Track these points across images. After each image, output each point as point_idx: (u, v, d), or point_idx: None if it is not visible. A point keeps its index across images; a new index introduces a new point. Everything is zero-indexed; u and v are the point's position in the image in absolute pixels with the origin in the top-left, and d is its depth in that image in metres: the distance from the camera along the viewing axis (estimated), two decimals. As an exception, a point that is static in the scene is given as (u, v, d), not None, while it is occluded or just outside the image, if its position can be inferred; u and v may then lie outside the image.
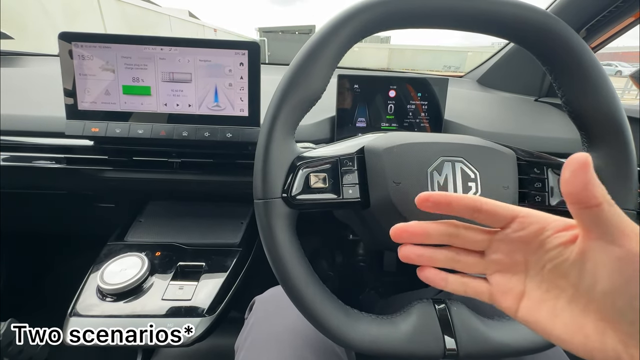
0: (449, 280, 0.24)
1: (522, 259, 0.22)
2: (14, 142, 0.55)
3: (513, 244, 0.22)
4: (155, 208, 0.66)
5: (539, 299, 0.21)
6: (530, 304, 0.21)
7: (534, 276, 0.21)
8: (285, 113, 0.32)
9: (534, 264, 0.21)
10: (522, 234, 0.21)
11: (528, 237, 0.21)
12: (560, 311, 0.20)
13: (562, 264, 0.20)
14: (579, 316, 0.19)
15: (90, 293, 0.49)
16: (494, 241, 0.23)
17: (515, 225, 0.22)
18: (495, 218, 0.22)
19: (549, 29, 0.32)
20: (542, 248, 0.21)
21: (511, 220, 0.22)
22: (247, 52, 0.50)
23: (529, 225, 0.21)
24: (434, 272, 0.25)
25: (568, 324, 0.19)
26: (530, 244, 0.21)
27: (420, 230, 0.24)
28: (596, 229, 0.18)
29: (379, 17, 0.31)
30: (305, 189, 0.32)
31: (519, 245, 0.22)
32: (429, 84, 0.60)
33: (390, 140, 0.34)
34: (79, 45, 0.49)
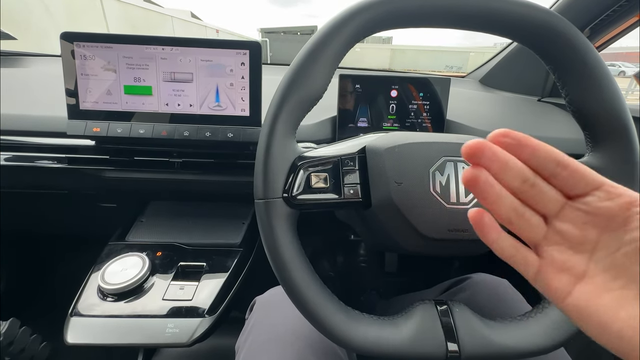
0: (502, 236, 0.21)
1: (595, 235, 0.19)
2: (15, 142, 0.55)
3: (592, 215, 0.19)
4: (157, 208, 0.66)
5: (602, 285, 0.18)
6: (590, 289, 0.18)
7: (603, 258, 0.18)
8: (286, 113, 0.31)
9: (607, 244, 0.18)
10: (608, 204, 0.18)
11: (614, 210, 0.18)
12: (628, 303, 0.17)
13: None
14: None
15: (91, 293, 0.49)
16: (569, 207, 0.20)
17: (602, 194, 0.19)
18: (579, 180, 0.19)
19: (553, 27, 0.32)
20: (626, 226, 0.18)
21: (597, 187, 0.19)
22: (249, 51, 0.50)
23: (617, 196, 0.18)
24: (489, 217, 0.21)
25: (635, 319, 0.17)
26: (613, 219, 0.18)
27: (503, 157, 0.19)
28: None
29: (380, 17, 0.31)
30: (306, 189, 0.32)
31: (599, 218, 0.19)
32: (430, 84, 0.60)
33: (391, 140, 0.34)
34: (81, 46, 0.49)
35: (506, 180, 0.20)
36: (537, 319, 0.32)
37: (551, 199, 0.20)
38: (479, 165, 0.20)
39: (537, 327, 0.32)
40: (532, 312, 0.33)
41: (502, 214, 0.20)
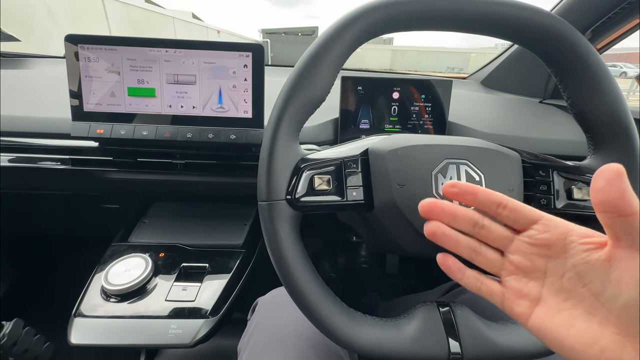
0: (466, 273, 0.24)
1: (542, 264, 0.21)
2: (19, 144, 0.56)
3: (536, 246, 0.22)
4: (159, 209, 0.66)
5: (555, 306, 0.20)
6: (545, 311, 0.21)
7: (553, 282, 0.21)
8: (289, 115, 0.32)
9: (554, 270, 0.21)
10: (546, 235, 0.21)
11: (552, 240, 0.21)
12: (577, 321, 0.19)
13: (585, 271, 0.19)
14: (597, 328, 0.18)
15: (95, 294, 0.49)
16: (516, 241, 0.23)
17: (540, 227, 0.22)
18: (518, 216, 0.22)
19: (555, 30, 0.32)
20: (566, 253, 0.20)
21: (534, 222, 0.22)
22: (251, 54, 0.50)
23: (554, 228, 0.21)
24: (453, 261, 0.24)
25: (583, 335, 0.19)
26: (553, 248, 0.21)
27: (450, 210, 0.23)
28: (627, 238, 0.17)
29: (384, 20, 0.31)
30: (309, 191, 0.32)
31: (542, 248, 0.21)
32: (432, 85, 0.60)
33: (394, 142, 0.34)
34: (85, 48, 0.50)
35: (459, 226, 0.24)
36: None
37: (500, 236, 0.23)
38: (434, 220, 0.24)
39: None
40: None
41: (463, 254, 0.24)
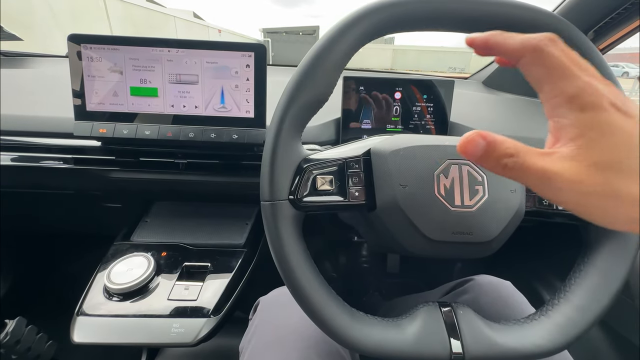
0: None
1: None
2: (22, 143, 0.56)
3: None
4: (161, 208, 0.67)
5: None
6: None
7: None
8: (292, 115, 0.32)
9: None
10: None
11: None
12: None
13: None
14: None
15: (97, 292, 0.49)
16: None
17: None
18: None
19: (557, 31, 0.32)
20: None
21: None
22: (254, 54, 0.50)
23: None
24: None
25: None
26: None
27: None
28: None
29: (388, 20, 0.31)
30: (311, 191, 0.32)
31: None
32: (434, 85, 0.60)
33: (396, 143, 0.34)
34: (88, 47, 0.50)
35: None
36: (540, 322, 0.32)
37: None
38: None
39: (541, 330, 0.32)
40: (536, 315, 0.33)
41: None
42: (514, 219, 0.33)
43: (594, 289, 0.32)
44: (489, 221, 0.33)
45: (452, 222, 0.32)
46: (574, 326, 0.31)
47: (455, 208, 0.32)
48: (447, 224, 0.32)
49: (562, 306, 0.32)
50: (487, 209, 0.32)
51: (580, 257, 0.35)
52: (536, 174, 0.19)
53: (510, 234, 0.34)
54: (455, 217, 0.32)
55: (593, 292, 0.32)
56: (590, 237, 0.35)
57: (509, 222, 0.33)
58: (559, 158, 0.19)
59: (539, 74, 0.20)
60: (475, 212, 0.32)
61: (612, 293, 0.32)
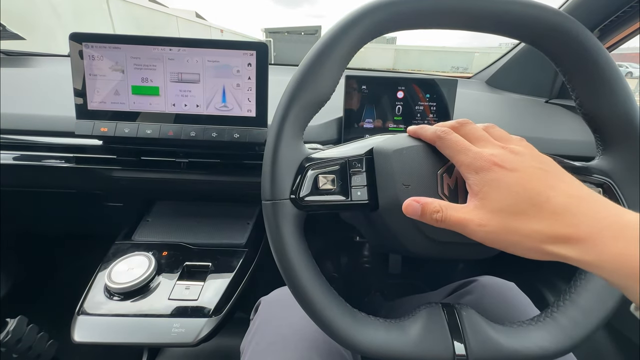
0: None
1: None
2: (24, 141, 0.56)
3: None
4: (162, 208, 0.67)
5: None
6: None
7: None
8: (294, 114, 0.31)
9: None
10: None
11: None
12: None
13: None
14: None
15: (98, 292, 0.49)
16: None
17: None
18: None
19: (564, 29, 0.32)
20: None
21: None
22: (255, 52, 0.50)
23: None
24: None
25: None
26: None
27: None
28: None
29: (390, 18, 0.31)
30: (313, 190, 0.32)
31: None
32: (437, 85, 0.59)
33: (399, 142, 0.34)
34: (89, 46, 0.50)
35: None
36: (545, 324, 0.32)
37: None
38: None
39: (546, 332, 0.31)
40: (541, 317, 0.33)
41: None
42: None
43: (600, 290, 0.32)
44: None
45: None
46: (580, 328, 0.31)
47: None
48: None
49: (568, 308, 0.32)
50: None
51: None
52: (456, 222, 0.25)
53: None
54: None
55: (599, 294, 0.32)
56: None
57: None
58: (469, 209, 0.25)
59: (446, 152, 0.29)
60: None
61: (618, 295, 0.31)
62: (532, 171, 0.25)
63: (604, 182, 0.33)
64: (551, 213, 0.22)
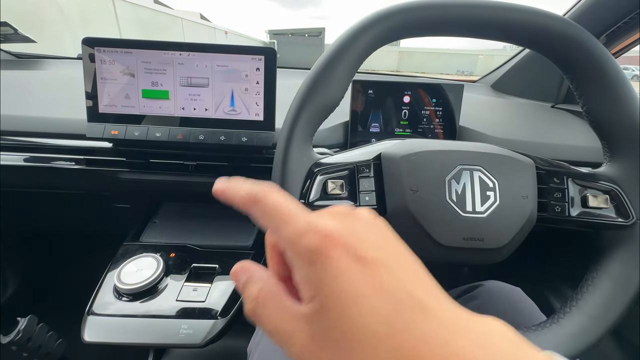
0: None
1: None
2: (34, 143, 0.57)
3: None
4: (169, 209, 0.67)
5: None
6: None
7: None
8: (304, 120, 0.32)
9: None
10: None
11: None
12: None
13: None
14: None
15: (107, 292, 0.50)
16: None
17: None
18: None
19: (571, 37, 0.32)
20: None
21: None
22: (264, 57, 0.51)
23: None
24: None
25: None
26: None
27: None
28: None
29: (400, 25, 0.32)
30: (322, 195, 0.32)
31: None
32: (443, 89, 0.60)
33: (407, 148, 0.34)
34: (101, 50, 0.51)
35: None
36: (551, 330, 0.32)
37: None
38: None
39: (552, 338, 0.31)
40: (547, 323, 0.33)
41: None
42: (525, 225, 0.33)
43: (607, 297, 0.32)
44: (500, 227, 0.33)
45: (463, 228, 0.32)
46: (587, 335, 0.31)
47: (467, 214, 0.32)
48: (458, 229, 0.32)
49: (575, 314, 0.32)
50: (498, 215, 0.32)
51: (593, 264, 0.35)
52: (271, 330, 0.16)
53: (521, 241, 0.34)
54: (466, 222, 0.32)
55: (606, 301, 0.32)
56: (603, 244, 0.34)
57: (521, 228, 0.33)
58: (299, 312, 0.16)
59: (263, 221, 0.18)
60: (487, 218, 0.32)
61: (625, 302, 0.32)
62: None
63: (611, 189, 0.34)
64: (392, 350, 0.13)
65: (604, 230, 0.34)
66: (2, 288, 0.88)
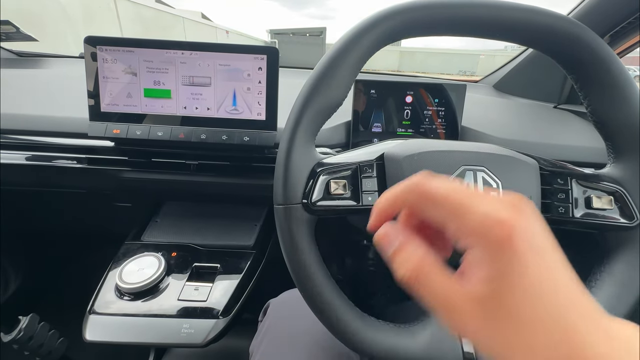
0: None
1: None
2: (35, 142, 0.57)
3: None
4: (170, 208, 0.67)
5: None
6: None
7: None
8: (307, 120, 0.32)
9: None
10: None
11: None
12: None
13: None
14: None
15: (109, 291, 0.50)
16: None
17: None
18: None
19: (576, 36, 0.32)
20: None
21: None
22: (266, 56, 0.51)
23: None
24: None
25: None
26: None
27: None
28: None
29: (403, 25, 0.31)
30: (325, 195, 0.32)
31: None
32: (446, 90, 0.59)
33: (410, 148, 0.34)
34: (103, 49, 0.51)
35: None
36: None
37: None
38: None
39: None
40: None
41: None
42: None
43: (611, 298, 0.32)
44: None
45: None
46: None
47: None
48: None
49: None
50: None
51: (597, 266, 0.34)
52: (440, 300, 0.17)
53: None
54: None
55: (609, 303, 0.32)
56: (608, 246, 0.34)
57: None
58: (466, 294, 0.17)
59: (435, 214, 0.19)
60: None
61: (630, 303, 0.31)
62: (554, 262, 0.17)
63: (615, 190, 0.33)
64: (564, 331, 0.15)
65: (608, 232, 0.34)
66: (4, 287, 0.89)
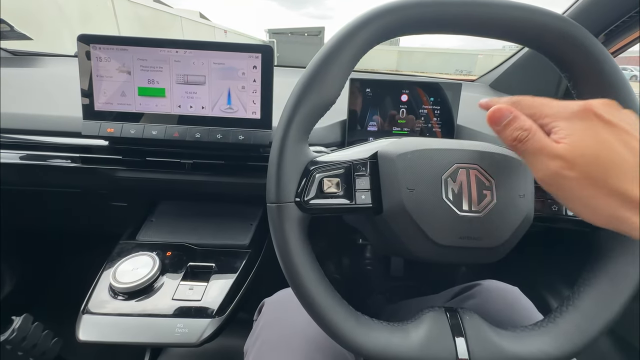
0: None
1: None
2: (30, 141, 0.57)
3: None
4: (166, 208, 0.67)
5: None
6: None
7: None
8: (299, 118, 0.32)
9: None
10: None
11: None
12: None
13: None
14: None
15: (103, 291, 0.49)
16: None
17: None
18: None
19: (570, 35, 0.32)
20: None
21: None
22: (261, 55, 0.51)
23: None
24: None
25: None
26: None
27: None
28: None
29: (397, 22, 0.31)
30: (318, 193, 0.32)
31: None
32: (441, 88, 0.59)
33: (404, 146, 0.34)
34: (97, 47, 0.50)
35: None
36: (549, 329, 0.32)
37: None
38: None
39: (549, 337, 0.31)
40: (544, 322, 0.33)
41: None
42: (522, 224, 0.33)
43: (604, 296, 0.32)
44: (497, 226, 0.32)
45: (459, 227, 0.32)
46: (583, 334, 0.31)
47: (463, 212, 0.32)
48: (455, 228, 0.32)
49: (571, 313, 0.32)
50: (495, 213, 0.32)
51: (590, 263, 0.34)
52: (538, 150, 0.24)
53: (518, 240, 0.34)
54: (463, 221, 0.32)
55: (603, 300, 0.32)
56: (600, 242, 0.34)
57: (518, 227, 0.33)
58: (558, 146, 0.23)
59: (528, 111, 0.26)
60: (483, 217, 0.32)
61: (622, 301, 0.31)
62: (629, 132, 0.23)
63: (608, 188, 0.33)
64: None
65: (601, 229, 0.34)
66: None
